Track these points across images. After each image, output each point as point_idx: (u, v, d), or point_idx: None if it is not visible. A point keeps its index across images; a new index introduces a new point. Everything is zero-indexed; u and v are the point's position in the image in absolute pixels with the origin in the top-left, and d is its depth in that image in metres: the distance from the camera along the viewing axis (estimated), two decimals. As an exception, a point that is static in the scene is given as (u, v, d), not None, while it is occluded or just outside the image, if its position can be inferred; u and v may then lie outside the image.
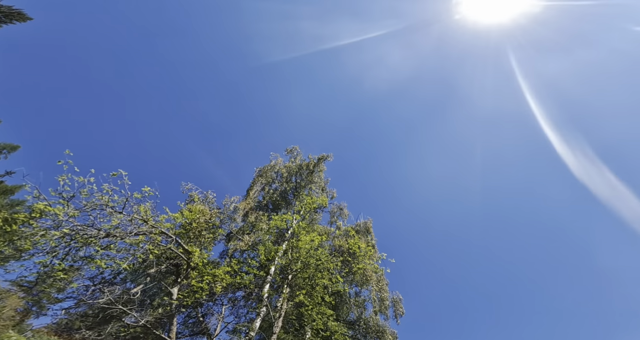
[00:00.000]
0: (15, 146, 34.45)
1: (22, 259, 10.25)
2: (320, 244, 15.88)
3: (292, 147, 22.63)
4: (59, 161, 10.08)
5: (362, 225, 21.19)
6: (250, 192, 19.34)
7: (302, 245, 14.79)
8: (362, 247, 16.29)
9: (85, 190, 10.61)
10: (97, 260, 11.00)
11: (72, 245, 10.55)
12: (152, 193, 12.03)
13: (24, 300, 22.14)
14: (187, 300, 12.20)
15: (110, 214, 11.13)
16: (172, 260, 13.32)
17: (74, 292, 12.35)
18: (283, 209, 19.65)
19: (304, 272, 14.69)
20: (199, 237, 14.36)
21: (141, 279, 12.96)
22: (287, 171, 21.27)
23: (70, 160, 10.11)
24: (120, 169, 11.09)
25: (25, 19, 39.26)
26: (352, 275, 16.87)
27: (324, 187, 21.62)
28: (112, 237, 11.06)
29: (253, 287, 14.02)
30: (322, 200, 19.29)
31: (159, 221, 12.61)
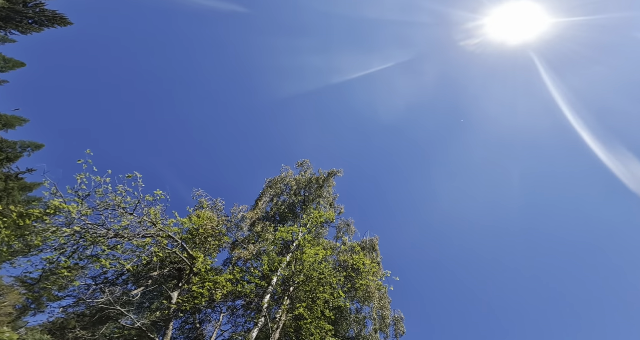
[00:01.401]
0: (39, 145, 35.96)
1: (30, 254, 10.60)
2: (325, 258, 15.89)
3: (302, 160, 22.98)
4: (79, 160, 10.59)
5: (368, 242, 21.11)
6: (258, 202, 19.62)
7: (306, 257, 14.86)
8: (367, 263, 16.21)
9: (100, 190, 10.98)
10: (102, 260, 11.26)
11: (80, 243, 10.87)
12: (163, 196, 12.41)
13: (24, 296, 22.39)
14: (186, 305, 12.29)
15: (121, 215, 11.45)
16: (175, 264, 13.50)
17: (75, 291, 12.57)
18: (290, 221, 19.81)
19: (305, 285, 14.70)
20: (205, 243, 14.61)
21: (143, 281, 13.20)
22: (297, 184, 21.51)
23: (89, 160, 10.57)
24: (135, 171, 11.58)
25: (66, 23, 41.61)
26: (355, 291, 16.73)
27: (332, 202, 21.75)
28: (120, 237, 11.35)
29: (253, 297, 14.08)
30: (329, 214, 19.43)
31: (167, 225, 12.93)
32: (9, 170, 34.01)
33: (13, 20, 39.47)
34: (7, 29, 39.73)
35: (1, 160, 32.30)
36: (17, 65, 36.79)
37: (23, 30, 40.90)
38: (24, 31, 41.08)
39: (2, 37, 41.85)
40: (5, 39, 41.82)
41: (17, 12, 39.08)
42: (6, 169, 33.81)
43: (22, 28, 40.67)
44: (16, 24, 39.96)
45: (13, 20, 39.49)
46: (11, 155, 33.43)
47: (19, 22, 40.02)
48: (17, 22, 39.91)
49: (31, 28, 41.20)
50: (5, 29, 39.54)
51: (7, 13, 38.26)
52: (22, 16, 39.86)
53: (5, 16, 38.31)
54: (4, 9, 37.89)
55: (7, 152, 33.14)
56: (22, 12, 39.47)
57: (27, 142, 34.93)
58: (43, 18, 41.07)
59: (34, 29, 41.48)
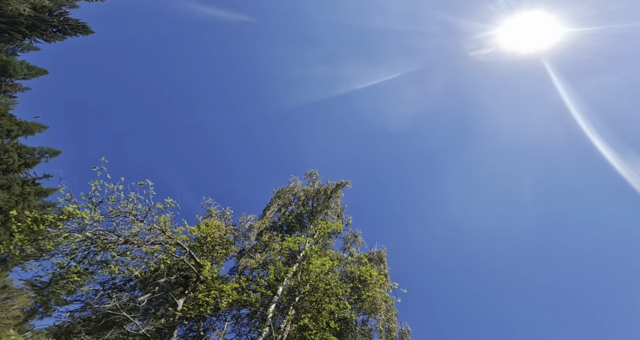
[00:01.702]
0: (57, 151, 37.02)
1: (42, 259, 10.90)
2: (331, 269, 15.88)
3: (311, 171, 23.13)
4: (94, 167, 10.97)
5: (375, 254, 21.00)
6: (266, 212, 19.78)
7: (312, 268, 14.85)
8: (374, 275, 16.10)
9: (113, 197, 11.29)
10: (112, 266, 11.49)
11: (91, 249, 11.16)
12: (173, 205, 12.67)
13: (33, 300, 22.81)
14: (192, 313, 12.40)
15: (132, 222, 11.72)
16: (182, 271, 13.67)
17: (83, 296, 12.83)
18: (297, 231, 19.87)
19: (311, 295, 14.65)
20: (212, 252, 14.79)
21: (149, 288, 13.40)
22: (305, 195, 21.63)
23: (104, 167, 10.92)
24: (147, 179, 11.88)
25: (88, 32, 42.95)
26: (361, 302, 16.60)
27: (339, 213, 21.78)
28: (130, 244, 11.60)
29: (258, 306, 14.13)
30: (337, 226, 19.45)
31: (176, 232, 13.14)
32: (27, 176, 35.05)
33: (38, 28, 40.91)
34: (33, 37, 41.18)
35: (19, 166, 33.32)
36: (40, 73, 38.07)
37: (47, 38, 42.30)
38: (48, 39, 42.49)
39: (28, 45, 43.33)
40: (31, 47, 43.31)
41: (42, 21, 40.54)
42: (24, 174, 34.87)
43: (46, 36, 42.06)
44: (41, 33, 41.36)
45: (38, 29, 40.92)
46: (29, 161, 34.49)
47: (44, 31, 41.42)
48: (42, 30, 41.33)
49: (55, 36, 42.61)
50: (30, 37, 40.99)
51: (33, 21, 39.71)
52: (47, 25, 41.33)
53: (31, 25, 39.75)
54: (30, 18, 39.39)
55: (26, 158, 34.21)
56: (48, 20, 40.93)
57: (45, 148, 36.03)
58: (67, 27, 42.48)
59: (57, 38, 42.88)
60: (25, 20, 38.17)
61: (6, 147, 31.85)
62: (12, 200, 30.96)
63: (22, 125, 34.36)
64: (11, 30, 37.83)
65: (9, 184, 31.40)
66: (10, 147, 32.25)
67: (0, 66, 34.84)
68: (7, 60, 36.13)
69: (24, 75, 37.18)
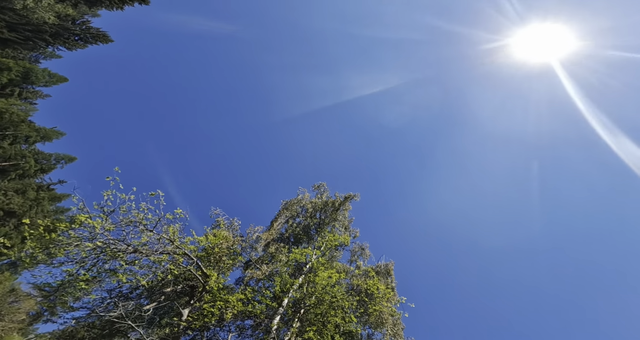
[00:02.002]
0: (72, 157, 37.98)
1: (53, 266, 11.15)
2: (338, 282, 15.83)
3: (319, 183, 23.18)
4: (107, 177, 11.24)
5: (383, 267, 20.85)
6: (274, 223, 19.87)
7: (319, 280, 14.80)
8: (382, 288, 15.91)
9: (124, 207, 11.54)
10: (120, 274, 11.72)
11: (101, 258, 11.41)
12: (182, 215, 12.89)
13: (39, 304, 23.00)
14: (196, 323, 12.42)
15: (142, 231, 11.93)
16: (189, 281, 13.78)
17: (89, 303, 13.01)
18: (304, 243, 19.89)
19: (317, 308, 14.57)
20: (219, 262, 14.89)
21: (155, 296, 13.54)
22: (313, 207, 21.68)
23: (117, 177, 11.18)
24: (158, 189, 12.12)
25: (107, 40, 44.15)
26: (367, 316, 16.39)
27: (347, 225, 21.76)
28: (139, 253, 11.78)
29: (263, 317, 14.12)
30: (344, 238, 19.39)
31: (184, 242, 13.31)
32: (42, 181, 35.96)
33: (62, 36, 42.18)
34: (56, 45, 42.50)
35: (36, 172, 34.23)
36: (60, 80, 39.20)
37: (69, 46, 43.54)
38: (70, 47, 43.72)
39: (51, 52, 44.68)
40: (53, 55, 44.66)
41: (66, 29, 41.85)
42: (39, 179, 35.79)
43: (69, 44, 43.30)
44: (64, 41, 42.62)
45: (62, 37, 42.20)
46: (45, 166, 35.41)
47: (66, 39, 42.68)
48: (65, 38, 42.60)
49: (77, 44, 43.86)
50: (53, 45, 42.31)
51: (57, 30, 41.00)
52: (70, 33, 42.61)
53: (55, 33, 41.04)
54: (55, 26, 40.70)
55: (42, 163, 35.13)
56: (71, 29, 42.22)
57: (61, 154, 37.02)
58: (88, 35, 43.72)
59: (79, 46, 44.12)
60: (49, 28, 39.41)
61: (24, 152, 32.80)
62: (26, 205, 31.73)
63: (41, 131, 35.36)
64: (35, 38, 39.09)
65: (24, 188, 32.23)
66: (27, 153, 33.19)
67: (22, 73, 36.00)
68: (30, 67, 37.35)
69: (45, 83, 38.35)
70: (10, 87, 36.40)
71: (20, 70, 35.94)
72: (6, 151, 31.12)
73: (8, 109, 31.65)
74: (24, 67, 36.66)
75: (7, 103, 32.75)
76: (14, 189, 31.52)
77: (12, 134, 31.79)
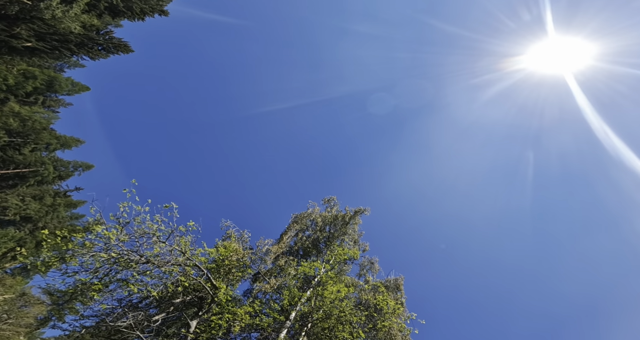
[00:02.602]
0: (90, 165, 38.90)
1: (67, 275, 11.44)
2: (346, 296, 15.70)
3: (329, 197, 23.21)
4: (124, 189, 11.55)
5: (392, 282, 20.65)
6: (283, 236, 19.95)
7: (327, 294, 14.70)
8: (391, 304, 15.73)
9: (139, 218, 11.80)
10: (131, 285, 12.00)
11: (114, 268, 11.69)
12: (195, 228, 13.11)
13: (48, 309, 23.27)
14: (204, 335, 12.54)
15: (155, 243, 12.15)
16: (198, 292, 13.90)
17: (99, 311, 13.24)
18: (313, 257, 19.90)
19: (324, 322, 14.52)
20: (228, 274, 15.02)
21: (164, 306, 13.71)
22: (322, 220, 21.69)
23: (133, 190, 11.48)
24: (172, 202, 12.36)
25: (128, 50, 45.28)
26: (376, 332, 16.14)
27: (357, 239, 21.72)
28: (151, 264, 12.00)
29: (270, 331, 14.15)
30: (353, 252, 19.33)
31: (195, 254, 13.50)
32: (59, 188, 36.89)
33: (86, 46, 43.52)
34: (80, 54, 43.87)
35: (54, 178, 35.15)
36: (83, 89, 40.36)
37: (93, 56, 44.81)
38: (93, 57, 44.99)
39: (75, 62, 46.09)
40: (77, 64, 46.06)
41: (90, 39, 43.18)
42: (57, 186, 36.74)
43: (92, 54, 44.59)
44: (88, 50, 43.95)
45: (86, 47, 43.54)
46: (63, 174, 36.34)
47: (90, 49, 43.99)
48: (89, 48, 43.91)
49: (100, 54, 45.11)
50: (78, 54, 43.69)
51: (82, 39, 42.35)
52: (94, 43, 43.93)
53: (79, 42, 42.39)
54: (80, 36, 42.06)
55: (61, 170, 36.08)
56: (95, 39, 43.54)
57: (79, 162, 37.96)
58: (111, 45, 44.99)
59: (102, 56, 45.39)
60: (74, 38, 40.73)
61: (43, 159, 33.78)
62: (42, 211, 32.58)
63: (61, 139, 36.40)
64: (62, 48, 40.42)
65: (41, 195, 33.13)
66: (47, 160, 34.16)
67: (47, 82, 37.23)
68: (55, 76, 38.62)
69: (68, 91, 39.54)
70: (34, 95, 37.63)
71: (45, 78, 37.16)
72: (26, 158, 32.15)
73: (31, 116, 32.77)
74: (49, 76, 37.92)
75: (30, 111, 33.93)
76: (32, 195, 32.45)
77: (33, 141, 32.87)
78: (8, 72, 31.92)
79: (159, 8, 40.27)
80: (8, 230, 29.94)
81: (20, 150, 33.34)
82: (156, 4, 40.80)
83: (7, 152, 32.35)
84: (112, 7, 39.35)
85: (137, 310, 12.44)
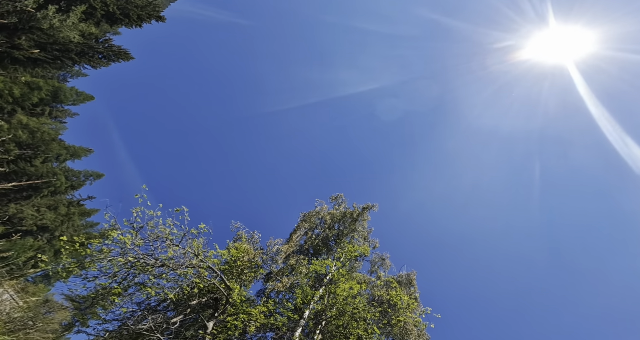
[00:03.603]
0: (100, 174, 39.41)
1: (87, 279, 11.72)
2: (359, 293, 15.68)
3: (337, 194, 23.28)
4: (136, 195, 11.78)
5: (404, 277, 20.58)
6: (293, 235, 20.06)
7: (339, 292, 14.76)
8: (405, 299, 15.71)
9: (152, 222, 12.04)
10: (149, 288, 12.25)
11: (131, 272, 11.95)
12: (206, 230, 13.30)
13: (72, 314, 23.80)
14: (220, 336, 12.69)
15: (168, 246, 12.38)
16: (212, 294, 14.11)
17: (120, 315, 13.51)
18: (323, 255, 19.93)
19: (338, 320, 14.54)
20: (241, 275, 15.20)
21: (181, 309, 13.93)
22: (331, 218, 21.77)
23: (144, 195, 11.73)
24: (183, 205, 12.55)
25: (129, 58, 45.50)
26: (390, 327, 16.06)
27: (366, 236, 21.73)
28: (166, 267, 12.23)
29: (285, 330, 14.27)
30: (363, 249, 19.41)
31: (208, 256, 13.73)
32: (72, 197, 37.44)
33: (86, 55, 43.91)
34: (81, 63, 44.30)
35: (66, 188, 35.68)
36: (87, 98, 40.77)
37: (94, 64, 45.14)
38: (95, 66, 45.33)
39: (77, 71, 46.55)
40: (79, 73, 46.50)
41: (90, 47, 43.55)
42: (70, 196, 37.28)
43: (93, 63, 44.94)
44: (89, 59, 44.33)
45: (86, 55, 43.92)
46: (75, 183, 36.89)
47: (91, 57, 44.37)
48: (90, 56, 44.31)
49: (101, 62, 45.44)
50: (79, 63, 44.13)
51: (82, 48, 42.73)
52: (94, 51, 44.30)
53: (80, 51, 42.80)
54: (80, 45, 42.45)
55: (72, 180, 36.62)
56: (94, 47, 43.89)
57: (90, 171, 38.51)
58: (111, 53, 45.29)
59: (103, 64, 45.73)
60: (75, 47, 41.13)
61: (55, 170, 34.30)
62: (58, 220, 33.15)
63: (70, 149, 36.88)
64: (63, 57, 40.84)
65: (56, 204, 33.68)
66: (58, 171, 34.66)
67: (52, 92, 37.66)
68: (59, 86, 39.05)
69: (73, 101, 39.96)
70: (40, 106, 38.16)
71: (49, 89, 37.59)
72: (38, 169, 32.67)
73: (39, 128, 33.25)
74: (53, 86, 38.35)
75: (38, 122, 34.40)
76: (47, 205, 33.02)
77: (43, 152, 33.38)
78: (13, 84, 32.37)
79: (155, 14, 40.35)
80: (27, 240, 30.59)
81: (31, 162, 33.86)
82: (152, 10, 40.87)
83: (19, 164, 32.88)
84: (109, 14, 39.45)
85: (156, 313, 12.65)
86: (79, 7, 33.61)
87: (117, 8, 37.88)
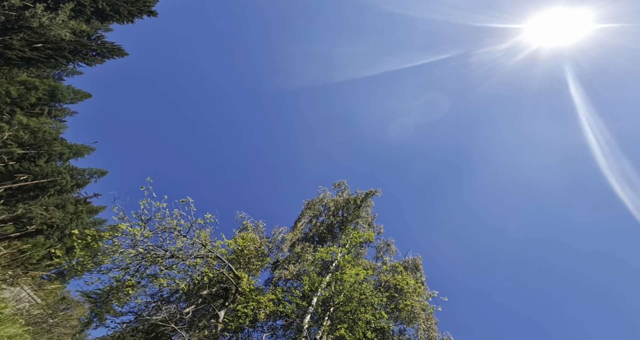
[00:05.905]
0: (104, 171, 39.58)
1: (102, 272, 11.90)
2: (365, 278, 15.75)
3: (339, 181, 23.33)
4: (142, 187, 11.82)
5: (410, 262, 20.60)
6: (297, 223, 20.16)
7: (346, 278, 14.83)
8: (411, 283, 15.82)
9: (159, 214, 12.17)
10: (160, 279, 12.41)
11: (142, 264, 12.09)
12: (212, 220, 13.38)
13: (89, 310, 24.24)
14: (232, 325, 12.89)
15: (176, 237, 12.51)
16: (222, 283, 14.30)
17: (135, 307, 13.70)
18: (329, 242, 20.03)
19: (346, 306, 14.63)
20: (249, 264, 15.36)
21: (193, 299, 14.14)
22: (334, 205, 21.84)
23: (150, 187, 11.79)
24: (188, 196, 12.63)
25: (123, 54, 45.25)
26: (398, 312, 16.13)
27: (370, 222, 21.78)
28: (176, 258, 12.37)
29: (294, 317, 14.41)
30: (368, 235, 19.42)
31: (215, 246, 13.86)
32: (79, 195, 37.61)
33: (80, 52, 43.54)
34: (75, 61, 43.97)
35: (72, 187, 35.82)
36: (85, 96, 40.59)
37: (88, 62, 44.88)
38: (89, 63, 45.07)
39: (72, 69, 46.25)
40: (75, 71, 46.20)
41: (83, 45, 43.16)
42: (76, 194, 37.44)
43: (87, 60, 44.63)
44: (83, 57, 43.99)
45: (80, 53, 43.56)
46: (80, 181, 37.01)
47: (85, 55, 44.02)
48: (84, 54, 43.95)
49: (95, 60, 45.14)
50: (73, 61, 43.80)
51: (75, 46, 42.36)
52: (87, 49, 43.90)
53: (73, 49, 42.43)
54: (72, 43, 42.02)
55: (77, 179, 36.72)
56: (87, 44, 43.51)
57: (94, 169, 38.63)
58: (104, 50, 44.93)
59: (97, 61, 45.43)
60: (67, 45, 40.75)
61: (59, 169, 34.38)
62: (66, 218, 33.39)
63: (73, 148, 36.89)
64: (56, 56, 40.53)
65: (63, 203, 33.87)
66: (63, 169, 34.76)
67: (49, 92, 37.49)
68: (55, 85, 38.84)
69: (71, 100, 39.80)
70: (39, 106, 38.05)
71: (46, 88, 37.41)
72: (43, 169, 32.73)
73: (40, 127, 33.20)
74: (50, 85, 38.14)
75: (38, 122, 34.34)
76: (54, 204, 33.22)
77: (46, 151, 33.38)
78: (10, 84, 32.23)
79: (146, 9, 40.01)
80: (38, 239, 30.89)
81: (35, 162, 33.93)
82: (143, 5, 40.43)
83: (23, 164, 32.93)
84: (98, 11, 39.14)
85: (169, 304, 12.84)
86: (67, 4, 33.29)
87: (106, 4, 37.53)
